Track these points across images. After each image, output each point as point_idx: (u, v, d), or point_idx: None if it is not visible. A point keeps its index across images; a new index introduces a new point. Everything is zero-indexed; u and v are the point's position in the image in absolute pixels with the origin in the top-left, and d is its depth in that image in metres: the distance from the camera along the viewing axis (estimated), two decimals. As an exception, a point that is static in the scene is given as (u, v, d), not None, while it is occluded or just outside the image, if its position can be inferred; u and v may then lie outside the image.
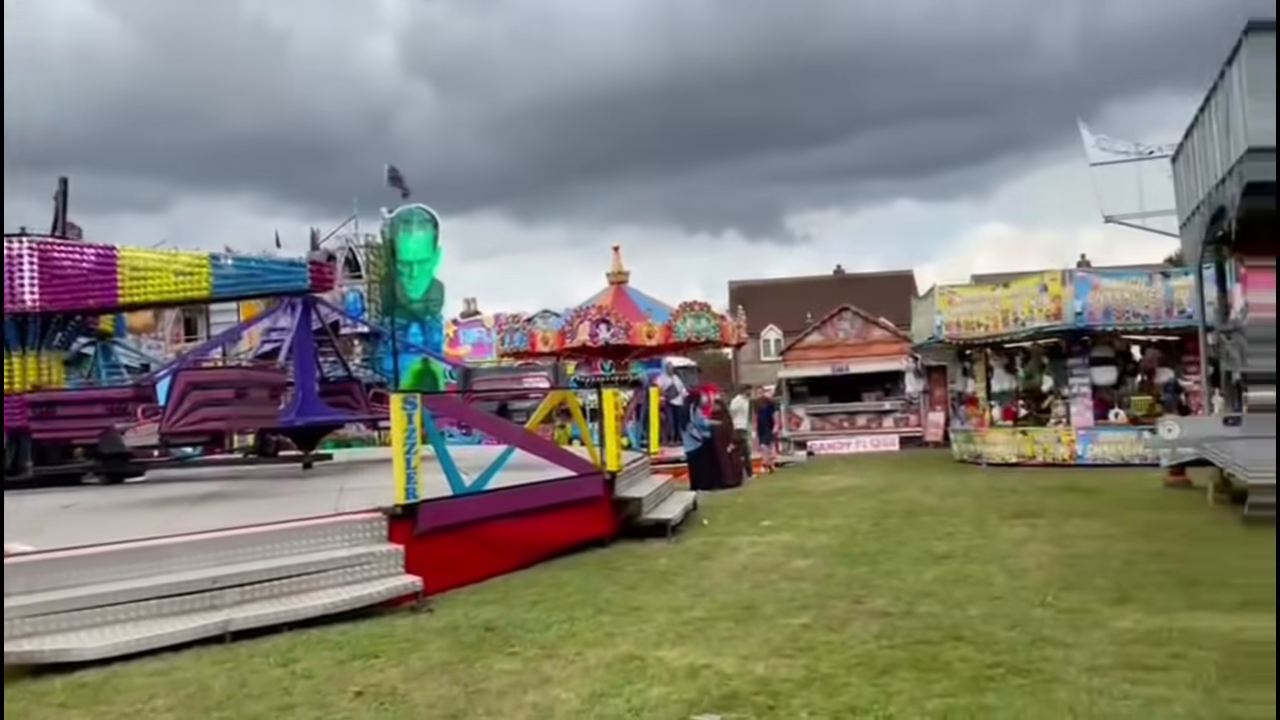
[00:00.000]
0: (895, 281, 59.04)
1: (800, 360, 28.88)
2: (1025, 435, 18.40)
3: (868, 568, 8.57)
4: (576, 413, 10.53)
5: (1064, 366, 18.15)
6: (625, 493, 10.91)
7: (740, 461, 17.39)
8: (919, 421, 27.39)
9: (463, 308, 44.00)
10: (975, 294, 18.54)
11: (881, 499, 14.18)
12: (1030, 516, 11.59)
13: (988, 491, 14.38)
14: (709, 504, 14.06)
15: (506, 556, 9.04)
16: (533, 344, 21.61)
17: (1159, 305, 16.94)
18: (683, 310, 20.86)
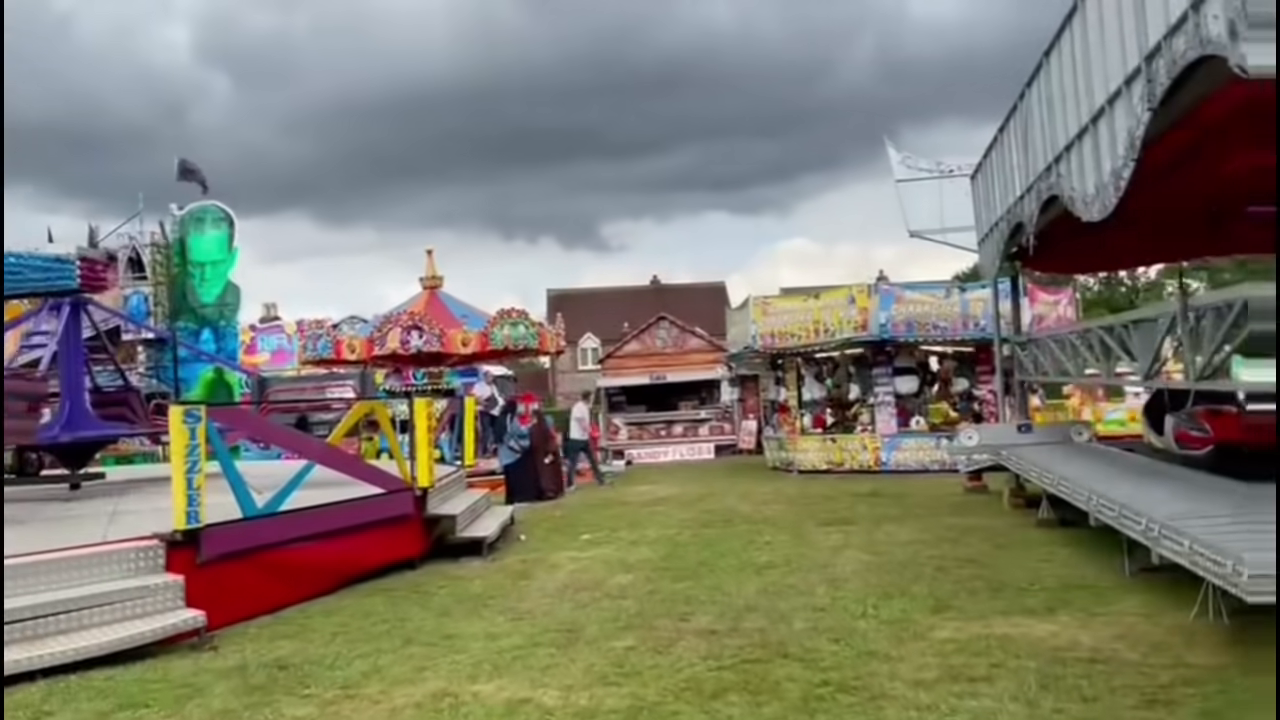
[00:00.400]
0: (709, 292, 60.45)
1: (618, 369, 28.84)
2: (834, 443, 18.96)
3: (691, 581, 8.38)
4: (385, 424, 9.85)
5: (870, 376, 18.84)
6: (438, 510, 10.32)
7: (560, 472, 16.99)
8: (733, 430, 27.89)
9: (262, 313, 41.57)
10: (788, 305, 18.97)
11: (700, 508, 14.15)
12: (843, 523, 11.79)
13: (801, 498, 14.63)
14: (527, 518, 13.61)
15: (304, 584, 8.29)
16: (338, 352, 20.42)
17: (956, 318, 17.84)
18: (500, 317, 20.28)
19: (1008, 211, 10.45)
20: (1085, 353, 9.16)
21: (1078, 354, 9.55)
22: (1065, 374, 10.25)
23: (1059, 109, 7.82)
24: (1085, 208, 7.22)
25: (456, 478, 12.34)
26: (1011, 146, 10.08)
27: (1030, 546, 9.25)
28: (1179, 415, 9.43)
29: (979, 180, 12.86)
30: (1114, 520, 6.85)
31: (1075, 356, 9.48)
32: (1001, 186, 10.81)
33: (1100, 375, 9.04)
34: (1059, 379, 11.74)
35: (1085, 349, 9.15)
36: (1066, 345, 9.55)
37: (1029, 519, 11.08)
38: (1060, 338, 9.98)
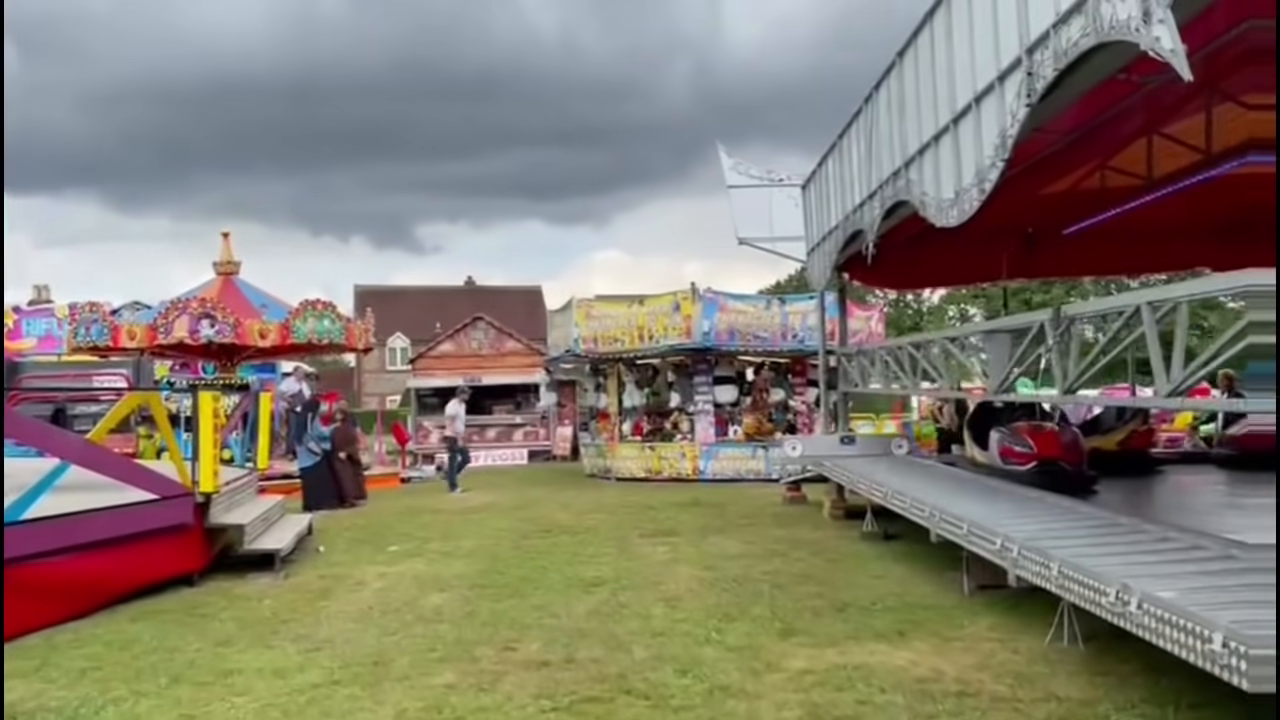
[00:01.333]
0: (525, 295, 59.51)
1: (431, 370, 27.51)
2: (653, 451, 18.60)
3: (514, 601, 7.62)
4: (161, 420, 8.53)
5: (690, 384, 18.60)
6: (222, 518, 9.07)
7: (362, 477, 15.72)
8: (548, 435, 27.17)
9: (31, 295, 37.36)
10: (612, 309, 18.47)
11: (519, 516, 13.36)
12: (669, 535, 11.33)
13: (622, 508, 14.10)
14: (327, 527, 12.39)
15: (51, 606, 6.97)
16: (116, 339, 18.25)
17: (776, 329, 17.88)
18: (303, 308, 18.73)
19: (845, 218, 10.30)
20: (925, 365, 9.06)
21: (909, 366, 9.45)
22: (898, 386, 10.17)
23: (912, 111, 7.63)
24: (940, 213, 7.02)
25: (247, 482, 11.02)
26: (852, 152, 9.94)
27: (862, 561, 9.04)
28: (1004, 431, 9.49)
29: (811, 189, 12.77)
30: (961, 538, 6.63)
31: (909, 369, 9.38)
32: (839, 194, 10.68)
33: (940, 387, 8.91)
34: (890, 391, 11.76)
35: (925, 362, 9.04)
36: (903, 357, 9.44)
37: (853, 531, 10.98)
38: (895, 350, 9.89)
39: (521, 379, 27.21)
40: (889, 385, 10.45)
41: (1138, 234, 11.81)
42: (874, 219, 8.94)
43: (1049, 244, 12.39)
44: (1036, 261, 12.53)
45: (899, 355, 9.90)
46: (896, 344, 10.19)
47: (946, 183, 6.84)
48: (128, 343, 18.47)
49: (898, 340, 10.14)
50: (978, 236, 12.18)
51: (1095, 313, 5.57)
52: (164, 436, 8.44)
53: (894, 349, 10.14)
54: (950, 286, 15.58)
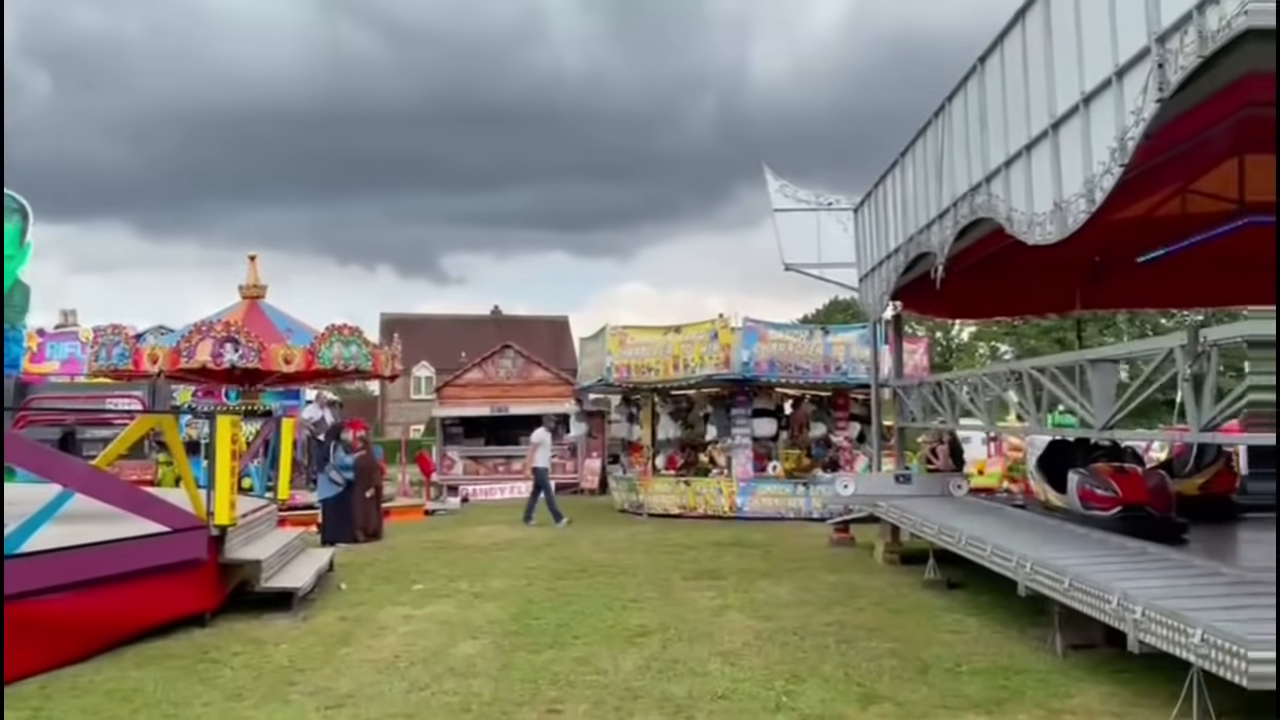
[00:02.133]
0: (551, 326, 59.11)
1: (457, 399, 26.94)
2: (688, 486, 17.86)
3: (553, 652, 6.92)
4: (174, 445, 7.93)
5: (727, 417, 17.89)
6: (239, 553, 8.44)
7: (381, 510, 15.02)
8: (575, 468, 26.47)
9: (59, 320, 37.23)
10: (648, 337, 17.82)
11: (550, 554, 12.66)
12: (713, 577, 10.59)
13: (660, 546, 13.36)
14: (349, 562, 11.76)
15: (49, 648, 6.36)
16: (137, 362, 17.77)
17: (818, 360, 17.16)
18: (329, 333, 18.19)
19: (908, 241, 9.63)
20: (1004, 396, 8.32)
21: (981, 400, 8.72)
22: (969, 419, 9.44)
23: (996, 120, 6.99)
24: (1031, 229, 6.35)
25: (266, 513, 10.40)
26: (917, 170, 9.30)
27: (931, 613, 8.28)
28: (1083, 473, 8.73)
29: (865, 213, 12.13)
30: (1060, 593, 5.88)
31: (984, 400, 8.64)
32: (899, 215, 10.03)
33: (1027, 422, 8.13)
34: (958, 427, 11.03)
35: (1001, 391, 8.31)
36: (978, 388, 8.71)
37: (911, 578, 10.21)
38: (969, 380, 9.16)
39: (549, 409, 26.58)
40: (954, 420, 9.70)
41: (1222, 263, 11.05)
42: (945, 240, 8.28)
43: (1119, 274, 11.66)
44: (1105, 292, 11.80)
45: (969, 387, 9.16)
46: (964, 376, 9.45)
47: (1042, 196, 6.18)
48: (149, 366, 17.99)
49: (969, 372, 9.41)
50: (1041, 265, 11.49)
51: (1243, 338, 4.83)
52: (177, 463, 7.85)
53: (961, 380, 9.40)
54: (1011, 317, 14.81)
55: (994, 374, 8.67)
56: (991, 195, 7.12)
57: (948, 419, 9.49)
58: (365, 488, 14.68)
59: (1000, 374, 8.49)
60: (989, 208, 7.15)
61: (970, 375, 9.31)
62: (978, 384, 8.76)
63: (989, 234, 8.26)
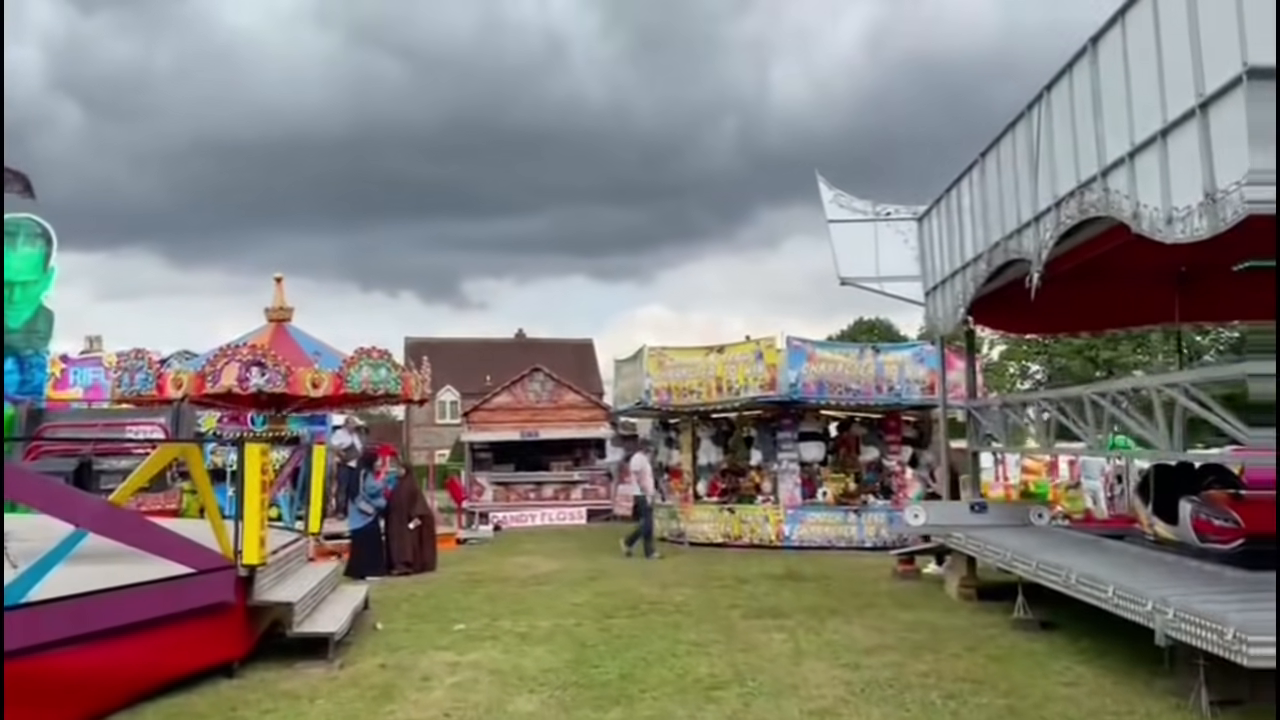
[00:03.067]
0: (576, 349, 58.46)
1: (486, 423, 26.22)
2: (732, 513, 17.03)
3: (621, 710, 6.14)
4: (199, 477, 7.23)
5: (772, 441, 17.07)
6: (268, 595, 7.71)
7: (428, 541, 14.24)
8: (608, 493, 25.68)
9: (84, 346, 36.85)
10: (689, 358, 17.05)
11: (595, 589, 11.86)
12: (776, 616, 9.77)
13: (710, 580, 12.53)
14: (384, 598, 11.02)
15: (62, 707, 5.61)
16: (161, 388, 17.13)
17: (869, 380, 16.34)
18: (358, 356, 17.51)
19: (991, 248, 8.84)
20: (1118, 415, 7.46)
21: (1091, 417, 7.86)
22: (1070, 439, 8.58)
23: (1115, 106, 6.21)
24: (1171, 226, 5.56)
25: (297, 549, 9.68)
26: (1004, 171, 8.52)
27: (1036, 660, 7.43)
28: (1197, 501, 7.87)
29: (932, 222, 11.35)
30: (1222, 647, 5.03)
31: (1091, 419, 7.79)
32: (979, 221, 9.24)
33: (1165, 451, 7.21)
34: (1056, 451, 10.17)
35: (1117, 408, 7.44)
36: (1084, 406, 7.85)
37: (994, 615, 9.37)
38: (1072, 397, 8.30)
39: (580, 433, 25.83)
40: (1048, 442, 8.84)
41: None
42: (1043, 244, 7.48)
43: (1215, 282, 10.79)
44: (1196, 302, 10.94)
45: (1076, 404, 8.30)
46: (1068, 393, 8.60)
47: (1184, 187, 5.39)
48: (173, 392, 17.35)
49: (1074, 389, 8.55)
50: (1133, 273, 10.66)
51: None
52: (202, 496, 7.14)
53: (1067, 399, 8.54)
54: (1094, 331, 13.93)
55: (1104, 391, 7.82)
56: (1109, 191, 6.33)
57: (1040, 441, 8.66)
58: (407, 516, 13.93)
59: (1111, 392, 7.65)
60: (1106, 205, 6.36)
61: (1072, 393, 8.47)
62: (1085, 400, 7.90)
63: (1096, 237, 7.48)
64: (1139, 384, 7.50)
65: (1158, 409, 6.82)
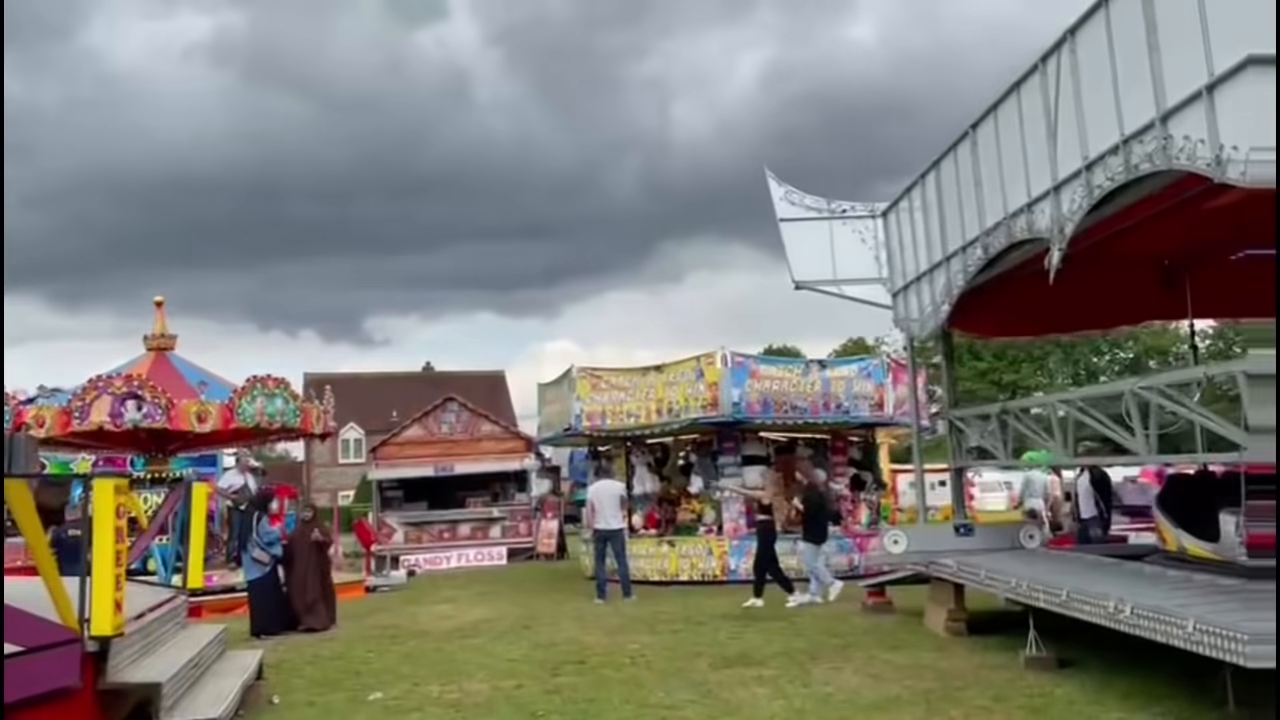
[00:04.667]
0: (488, 380, 56.48)
1: (395, 459, 24.30)
2: (672, 546, 15.64)
3: (603, 812, 4.65)
4: (29, 527, 5.48)
5: (713, 465, 15.79)
6: (128, 674, 6.00)
7: (333, 594, 12.42)
8: (529, 530, 24.01)
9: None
10: (624, 379, 15.63)
11: (532, 640, 10.32)
12: (750, 665, 8.44)
13: (662, 623, 11.12)
14: (282, 660, 9.33)
15: None
16: (19, 427, 15.02)
17: (816, 398, 15.22)
18: (251, 386, 15.72)
19: (989, 231, 7.73)
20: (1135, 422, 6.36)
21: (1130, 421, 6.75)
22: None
23: (1182, 29, 5.12)
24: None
25: (171, 609, 7.91)
26: (1006, 141, 7.46)
27: (1075, 710, 6.25)
28: (1244, 513, 6.83)
29: (901, 215, 10.29)
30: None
31: (1135, 423, 6.67)
32: (969, 204, 8.16)
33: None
34: (1074, 461, 9.10)
35: (1139, 416, 6.35)
36: (1130, 407, 6.73)
37: (997, 654, 8.23)
38: (1110, 394, 7.18)
39: (499, 466, 24.15)
40: (1070, 452, 7.69)
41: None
42: (1065, 217, 6.38)
43: (1201, 275, 9.99)
44: (1181, 299, 10.11)
45: (1071, 408, 7.21)
46: (1075, 395, 7.52)
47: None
48: (36, 432, 15.23)
49: (1087, 389, 7.48)
50: (1107, 269, 9.78)
51: None
52: (31, 548, 5.42)
53: (1096, 398, 7.43)
54: (1072, 333, 13.07)
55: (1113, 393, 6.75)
56: (1170, 139, 5.25)
57: (1059, 452, 7.55)
58: (310, 565, 12.12)
59: (1122, 394, 6.58)
60: (1167, 156, 5.27)
61: (1083, 394, 7.40)
62: (1129, 397, 6.78)
63: (1116, 214, 6.45)
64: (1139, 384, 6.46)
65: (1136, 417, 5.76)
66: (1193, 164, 5.04)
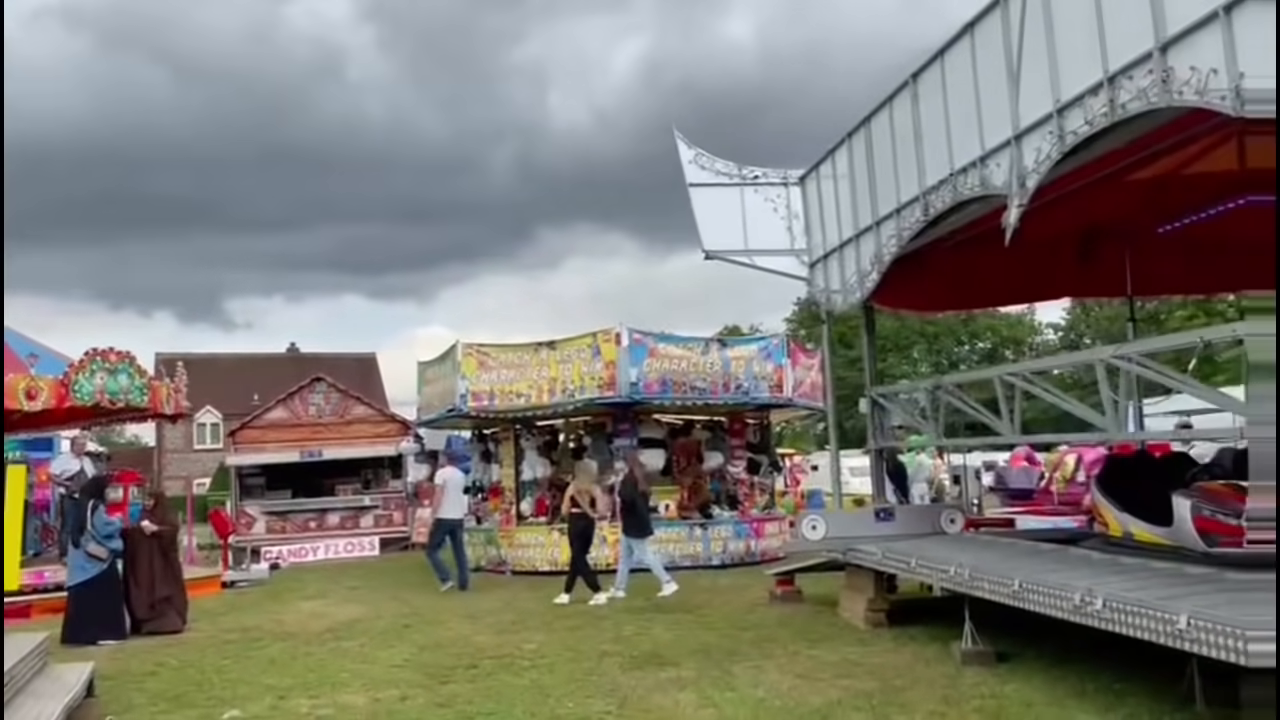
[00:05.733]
0: (359, 363, 54.05)
1: (257, 443, 22.51)
2: (563, 534, 14.70)
3: None
4: None
5: (609, 449, 14.95)
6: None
7: (185, 592, 10.98)
8: (404, 519, 22.65)
9: None
10: (514, 356, 14.57)
11: (416, 640, 9.26)
12: (664, 665, 7.64)
13: (559, 620, 10.21)
14: (120, 670, 8.04)
15: None
16: None
17: (716, 378, 14.55)
18: (89, 359, 13.94)
19: (931, 190, 7.09)
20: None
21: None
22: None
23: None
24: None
25: (-24, 618, 6.53)
26: (957, 88, 6.82)
27: (1034, 712, 5.67)
28: (1198, 498, 6.41)
29: (820, 180, 9.63)
30: None
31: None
32: (910, 160, 7.50)
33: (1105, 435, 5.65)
34: (1025, 439, 8.57)
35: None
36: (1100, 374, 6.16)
37: (929, 647, 7.70)
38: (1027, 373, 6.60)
39: (372, 451, 22.68)
40: (1015, 431, 7.12)
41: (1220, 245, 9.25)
42: (1027, 170, 5.74)
43: (1115, 252, 9.70)
44: (1097, 274, 9.81)
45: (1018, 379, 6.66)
46: (1022, 368, 6.98)
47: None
48: None
49: (1030, 363, 6.94)
50: (1027, 243, 9.38)
51: None
52: None
53: (1024, 374, 6.90)
54: (990, 308, 12.69)
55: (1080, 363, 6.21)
56: (1172, 71, 4.65)
57: (1007, 432, 6.99)
58: (155, 560, 10.68)
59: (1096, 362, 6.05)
60: (1166, 93, 4.67)
61: (1031, 366, 6.85)
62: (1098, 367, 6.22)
63: (1099, 158, 5.90)
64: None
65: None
66: (1203, 98, 4.45)
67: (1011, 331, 57.93)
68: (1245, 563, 5.94)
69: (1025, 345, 56.87)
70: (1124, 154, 5.94)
